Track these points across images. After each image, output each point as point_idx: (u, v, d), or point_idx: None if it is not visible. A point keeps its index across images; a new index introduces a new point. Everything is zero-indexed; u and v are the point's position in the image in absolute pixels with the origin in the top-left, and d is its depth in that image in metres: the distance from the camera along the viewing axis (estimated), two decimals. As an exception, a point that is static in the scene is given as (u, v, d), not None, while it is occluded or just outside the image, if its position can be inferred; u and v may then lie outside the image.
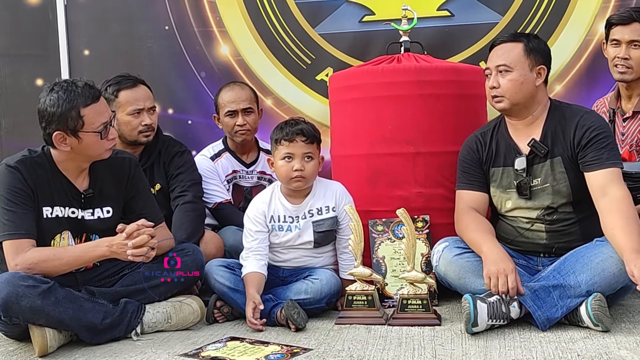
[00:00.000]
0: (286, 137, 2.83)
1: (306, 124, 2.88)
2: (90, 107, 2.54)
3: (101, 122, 2.57)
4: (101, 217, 2.71)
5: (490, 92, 2.78)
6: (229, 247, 3.23)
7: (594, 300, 2.45)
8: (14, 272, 2.47)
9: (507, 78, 2.73)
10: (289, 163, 2.84)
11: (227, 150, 3.62)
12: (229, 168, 3.59)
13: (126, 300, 2.63)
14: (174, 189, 3.28)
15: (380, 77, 3.12)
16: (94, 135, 2.56)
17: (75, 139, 2.55)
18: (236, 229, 3.27)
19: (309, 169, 2.84)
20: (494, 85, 2.75)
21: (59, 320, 2.46)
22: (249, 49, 4.05)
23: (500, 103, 2.76)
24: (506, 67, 2.73)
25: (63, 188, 2.63)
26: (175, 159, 3.33)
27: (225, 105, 3.54)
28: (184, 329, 2.72)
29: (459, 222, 2.81)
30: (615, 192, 2.58)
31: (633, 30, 3.08)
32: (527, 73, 2.73)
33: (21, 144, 2.76)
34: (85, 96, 2.54)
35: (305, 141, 2.83)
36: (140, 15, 4.13)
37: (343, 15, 3.93)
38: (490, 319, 2.48)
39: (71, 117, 2.51)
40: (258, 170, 3.63)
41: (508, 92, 2.73)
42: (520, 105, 2.75)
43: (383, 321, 2.69)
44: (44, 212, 2.60)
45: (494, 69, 2.76)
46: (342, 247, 2.94)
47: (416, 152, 3.06)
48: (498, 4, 3.81)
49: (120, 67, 3.73)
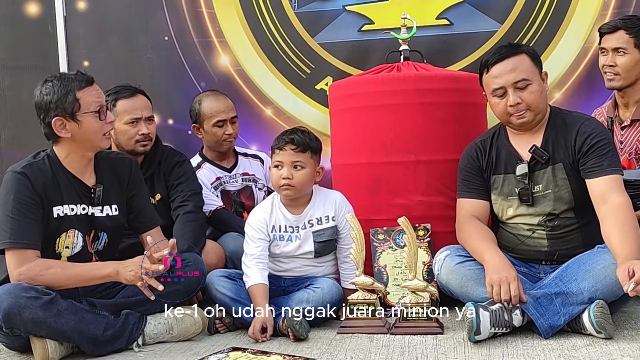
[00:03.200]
0: (277, 145, 2.86)
1: (301, 134, 2.87)
2: (85, 90, 2.60)
3: (97, 102, 2.62)
4: (110, 215, 2.73)
5: (510, 110, 2.70)
6: (230, 252, 3.23)
7: (596, 307, 2.45)
8: (15, 283, 2.47)
9: (529, 91, 2.69)
10: (278, 171, 2.85)
11: (205, 160, 3.67)
12: (212, 176, 3.62)
13: (127, 311, 2.62)
14: (174, 198, 3.28)
15: (380, 86, 3.12)
16: (93, 116, 2.60)
17: (75, 122, 2.59)
18: (237, 235, 3.28)
19: (298, 178, 2.84)
20: (518, 102, 2.68)
21: (61, 331, 2.46)
22: (249, 59, 4.06)
23: (524, 118, 2.71)
24: (526, 80, 2.69)
25: (72, 185, 2.65)
26: (175, 168, 3.34)
27: (214, 116, 3.57)
28: (186, 340, 2.71)
29: (461, 230, 2.81)
30: (615, 199, 2.58)
31: (618, 38, 3.12)
32: (540, 82, 2.73)
33: (21, 156, 2.76)
34: (79, 80, 2.61)
35: (295, 149, 2.83)
36: (139, 26, 4.14)
37: (342, 25, 3.94)
38: (492, 327, 2.48)
39: (68, 100, 2.57)
40: (241, 173, 3.67)
41: (533, 104, 2.69)
42: (541, 114, 2.74)
43: (385, 330, 2.68)
44: (54, 212, 2.61)
45: (511, 86, 2.69)
46: (343, 256, 2.93)
47: (416, 160, 3.06)
48: (497, 13, 3.82)
49: (120, 78, 3.74)
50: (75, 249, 2.67)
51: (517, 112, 2.70)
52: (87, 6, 4.18)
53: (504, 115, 2.75)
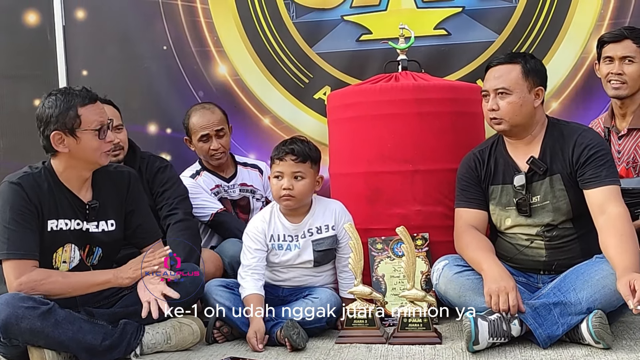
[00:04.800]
0: (277, 155, 2.85)
1: (301, 144, 2.87)
2: (87, 107, 2.59)
3: (99, 121, 2.60)
4: (105, 230, 2.72)
5: (488, 114, 2.77)
6: (230, 258, 3.21)
7: (594, 317, 2.45)
8: (13, 293, 2.46)
9: (506, 101, 2.72)
10: (279, 181, 2.84)
11: (204, 169, 3.64)
12: (211, 183, 3.60)
13: (125, 321, 2.61)
14: (161, 207, 3.23)
15: (378, 96, 3.13)
16: (92, 134, 2.58)
17: (73, 138, 2.57)
18: (236, 241, 3.24)
19: (299, 189, 2.84)
20: (493, 108, 2.73)
21: (59, 341, 2.45)
22: (247, 68, 4.06)
23: (499, 125, 2.75)
24: (505, 90, 2.71)
25: (67, 200, 2.64)
26: (158, 175, 3.28)
27: (198, 131, 3.53)
28: (184, 350, 2.70)
29: (459, 240, 2.81)
30: (613, 209, 2.58)
31: (625, 46, 3.13)
32: (526, 95, 2.73)
33: (19, 165, 2.75)
34: (83, 97, 2.59)
35: (295, 160, 2.82)
36: (138, 36, 4.15)
37: (340, 35, 3.96)
38: (491, 337, 2.47)
39: (69, 116, 2.55)
40: (239, 183, 3.65)
41: (507, 114, 2.72)
42: (520, 126, 2.75)
43: (383, 340, 2.68)
44: (49, 225, 2.60)
45: (492, 92, 2.74)
46: (342, 266, 2.93)
47: (415, 170, 3.07)
48: (494, 23, 3.83)
49: (119, 87, 3.75)
50: (73, 263, 2.67)
51: (492, 118, 2.75)
52: (86, 16, 4.18)
53: (486, 118, 2.80)
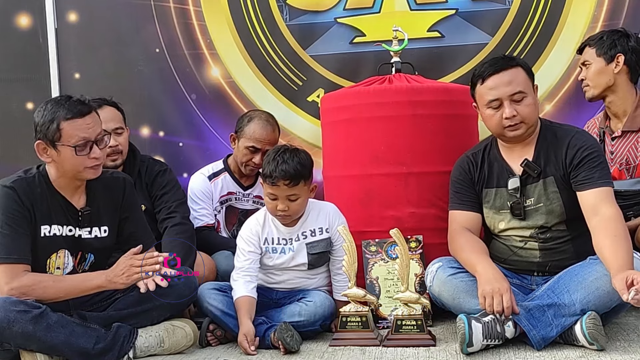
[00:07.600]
0: (269, 180, 2.77)
1: (292, 161, 2.77)
2: (70, 122, 2.54)
3: (81, 137, 2.55)
4: (98, 236, 2.71)
5: (505, 122, 2.68)
6: (222, 272, 3.18)
7: (588, 318, 2.45)
8: (5, 297, 2.45)
9: (524, 104, 2.69)
10: (273, 202, 2.82)
11: (226, 170, 3.57)
12: (225, 189, 3.54)
13: (118, 324, 2.60)
14: (159, 210, 3.23)
15: (371, 98, 3.13)
16: (70, 150, 2.55)
17: (55, 150, 2.56)
18: (229, 254, 3.22)
19: (294, 208, 2.82)
20: (513, 114, 2.67)
21: (51, 345, 2.44)
22: (240, 71, 4.05)
23: (517, 131, 2.70)
24: (522, 93, 2.68)
25: (60, 206, 2.63)
26: (157, 179, 3.28)
27: (251, 140, 3.42)
28: (177, 353, 2.69)
29: (453, 242, 2.81)
30: (606, 211, 2.58)
31: (584, 54, 3.30)
32: (534, 95, 2.74)
33: (11, 168, 2.75)
34: (70, 110, 2.55)
35: (289, 184, 2.76)
36: (130, 38, 4.13)
37: (334, 37, 3.95)
38: (485, 338, 2.47)
39: (51, 128, 2.54)
40: (254, 194, 3.58)
41: (527, 117, 2.69)
42: (532, 127, 2.74)
43: (377, 342, 2.67)
44: (41, 231, 2.59)
45: (507, 98, 2.68)
46: (336, 269, 2.92)
47: (408, 172, 3.07)
48: (488, 25, 3.83)
49: (111, 90, 3.72)
50: (67, 269, 2.66)
51: (512, 125, 2.70)
52: (78, 18, 4.17)
53: (498, 128, 2.73)
